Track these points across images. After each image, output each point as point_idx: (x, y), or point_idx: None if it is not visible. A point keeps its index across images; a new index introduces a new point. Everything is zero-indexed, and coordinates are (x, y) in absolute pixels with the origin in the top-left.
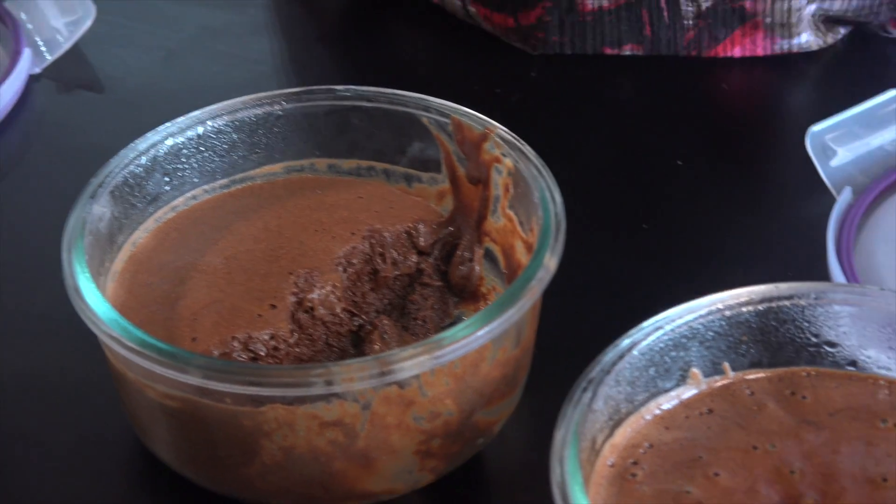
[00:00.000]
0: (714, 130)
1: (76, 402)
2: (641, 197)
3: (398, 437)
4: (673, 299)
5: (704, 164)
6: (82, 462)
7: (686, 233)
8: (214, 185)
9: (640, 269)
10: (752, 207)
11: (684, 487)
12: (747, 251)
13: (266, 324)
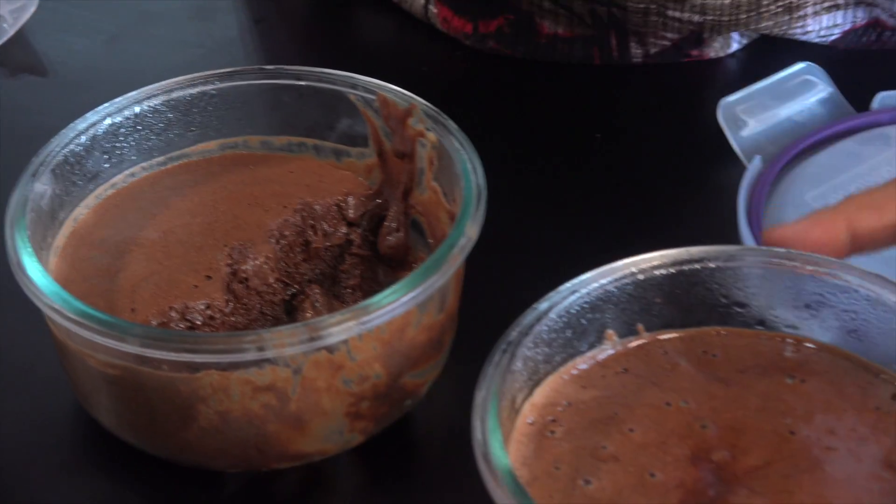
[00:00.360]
0: (631, 105)
1: (21, 373)
2: (561, 168)
3: (328, 399)
4: (590, 264)
5: (622, 136)
6: (27, 429)
7: (603, 202)
8: (152, 162)
9: (560, 237)
10: (666, 177)
11: (601, 443)
12: (662, 218)
13: (202, 294)
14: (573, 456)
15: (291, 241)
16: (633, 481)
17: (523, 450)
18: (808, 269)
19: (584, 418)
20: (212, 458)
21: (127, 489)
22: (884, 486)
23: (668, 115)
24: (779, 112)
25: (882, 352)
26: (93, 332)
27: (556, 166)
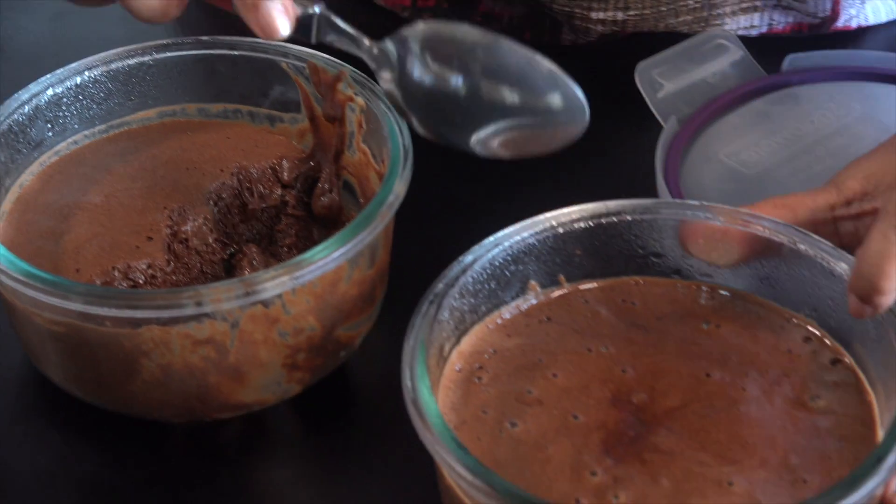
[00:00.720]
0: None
1: None
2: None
3: (265, 351)
4: (514, 220)
5: None
6: None
7: (527, 161)
8: (94, 130)
9: (485, 194)
10: (588, 137)
11: (526, 388)
12: (585, 176)
13: (144, 254)
14: (499, 400)
15: (229, 203)
16: (556, 423)
17: (451, 396)
18: (721, 221)
19: (510, 365)
20: (156, 410)
21: (77, 441)
22: (797, 424)
23: (588, 78)
24: (693, 74)
25: (793, 298)
26: (38, 291)
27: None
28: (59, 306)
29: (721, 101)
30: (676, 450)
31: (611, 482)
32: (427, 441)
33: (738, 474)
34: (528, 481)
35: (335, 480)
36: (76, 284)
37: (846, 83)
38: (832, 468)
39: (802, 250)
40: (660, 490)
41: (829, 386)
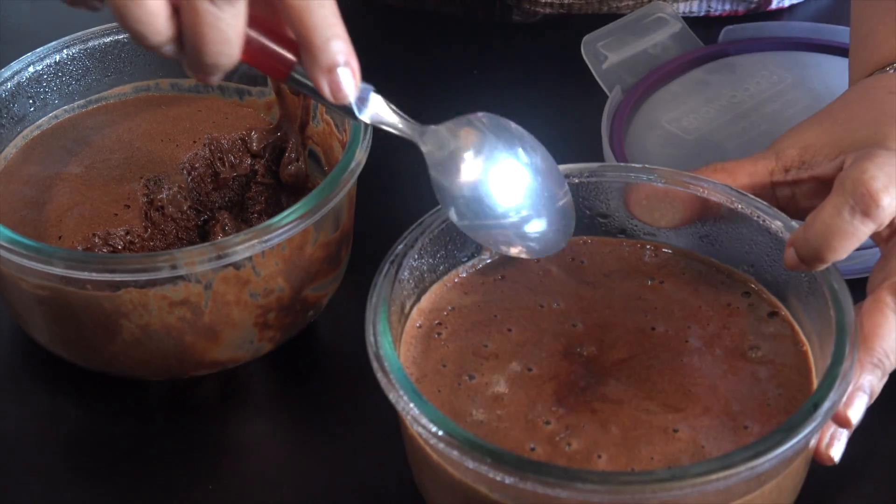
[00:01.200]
0: (504, 45)
1: None
2: (445, 99)
3: (238, 311)
4: None
5: (497, 72)
6: None
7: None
8: (73, 105)
9: None
10: (538, 107)
11: (483, 343)
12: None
13: (122, 222)
14: (458, 355)
15: (202, 173)
16: (512, 375)
17: (413, 351)
18: (662, 183)
19: (467, 321)
20: (136, 369)
21: (61, 399)
22: (738, 373)
23: (537, 52)
24: (635, 46)
25: (732, 255)
26: (22, 257)
27: (440, 97)
28: (43, 271)
29: (662, 71)
30: (624, 399)
31: (563, 430)
32: (390, 394)
33: (683, 422)
34: (486, 429)
35: (306, 432)
36: (58, 250)
37: (778, 52)
38: (771, 415)
39: (739, 209)
40: (609, 437)
41: (766, 337)
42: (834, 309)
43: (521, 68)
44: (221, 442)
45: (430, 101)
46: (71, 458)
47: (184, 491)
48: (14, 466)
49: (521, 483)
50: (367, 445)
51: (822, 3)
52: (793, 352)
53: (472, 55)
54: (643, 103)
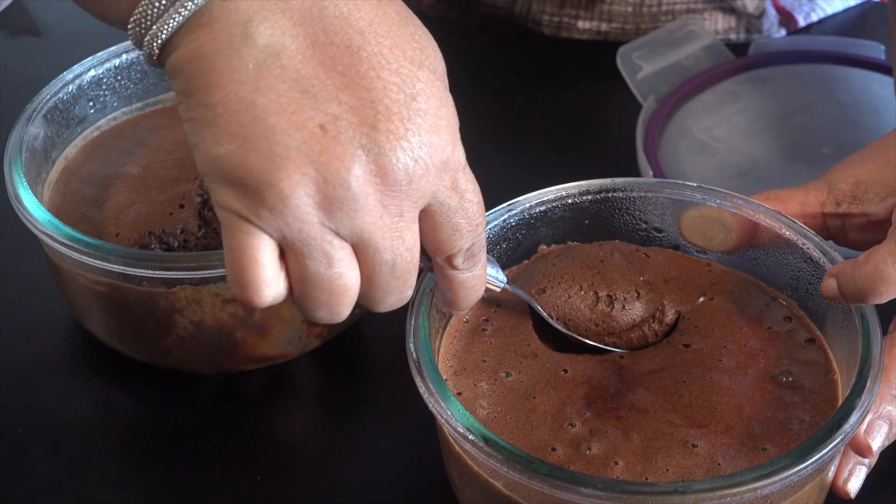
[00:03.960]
0: (541, 56)
1: (23, 292)
2: (485, 107)
3: (288, 309)
4: (517, 188)
5: (536, 81)
6: (30, 340)
7: (526, 134)
8: (131, 107)
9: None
10: (574, 115)
11: (525, 342)
12: (573, 148)
13: (177, 220)
14: (499, 351)
15: None
16: (547, 375)
17: (456, 344)
18: (717, 203)
19: (513, 319)
20: (189, 362)
21: (117, 390)
22: (765, 396)
23: (574, 62)
24: (669, 57)
25: (777, 279)
26: (82, 254)
27: (487, 103)
28: (102, 268)
29: (695, 82)
30: (650, 409)
31: (587, 434)
32: (420, 387)
33: (704, 437)
34: (513, 426)
35: (350, 426)
36: (116, 248)
37: (807, 65)
38: (791, 439)
39: (787, 236)
40: (629, 445)
41: (800, 363)
42: (862, 340)
43: (559, 76)
44: (269, 434)
45: (470, 109)
46: (125, 447)
47: (232, 481)
48: (71, 455)
49: (529, 483)
50: (408, 439)
51: (848, 17)
52: (823, 380)
53: (511, 63)
54: (676, 112)
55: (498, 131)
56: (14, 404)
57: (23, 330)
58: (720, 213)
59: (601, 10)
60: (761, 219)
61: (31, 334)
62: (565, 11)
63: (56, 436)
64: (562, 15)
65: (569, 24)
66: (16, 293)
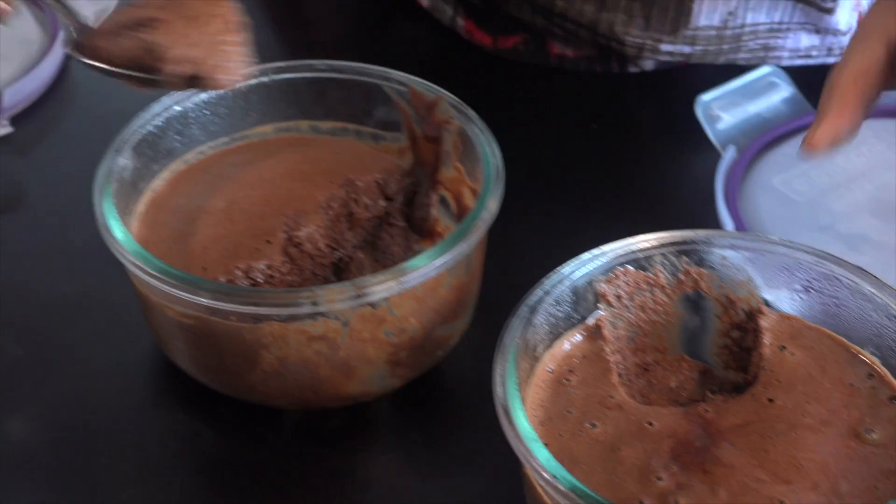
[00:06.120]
0: (621, 102)
1: (109, 323)
2: (564, 153)
3: (372, 348)
4: (591, 238)
5: (615, 127)
6: (116, 370)
7: (603, 185)
8: (217, 142)
9: (565, 213)
10: (653, 164)
11: (609, 393)
12: (653, 198)
13: (263, 256)
14: (584, 402)
15: (338, 212)
16: (633, 428)
17: (541, 394)
18: (799, 257)
19: (597, 370)
20: (273, 398)
21: (200, 423)
22: (850, 453)
23: (650, 107)
24: (748, 108)
25: (859, 335)
26: (171, 286)
27: (559, 151)
28: (190, 301)
29: (774, 134)
30: (736, 464)
31: (674, 488)
32: (508, 433)
33: (790, 494)
34: (600, 479)
35: (430, 467)
36: (205, 281)
37: (887, 120)
38: (879, 499)
39: (871, 293)
40: (717, 500)
41: (884, 421)
42: None
43: (638, 121)
44: (349, 473)
45: (549, 154)
46: (207, 480)
47: None
48: (155, 486)
49: None
50: (488, 484)
51: None
52: None
53: (589, 108)
54: (756, 164)
55: (577, 178)
56: (99, 434)
57: (108, 360)
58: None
59: (685, 35)
60: (843, 274)
61: (117, 364)
62: (649, 34)
63: (140, 467)
64: (645, 37)
65: (652, 45)
66: (102, 323)
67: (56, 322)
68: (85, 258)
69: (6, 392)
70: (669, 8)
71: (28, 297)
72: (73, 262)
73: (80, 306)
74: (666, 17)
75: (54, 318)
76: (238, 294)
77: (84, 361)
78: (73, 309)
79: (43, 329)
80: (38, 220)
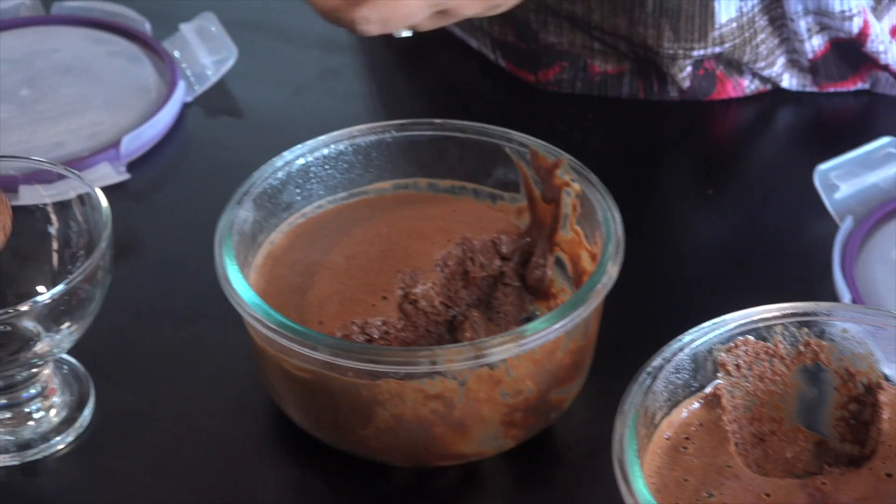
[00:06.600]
0: (735, 168)
1: (221, 372)
2: (680, 219)
3: (488, 409)
4: (705, 306)
5: (730, 194)
6: (227, 421)
7: (718, 249)
8: (336, 196)
9: (680, 280)
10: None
11: (727, 462)
12: (766, 268)
13: (379, 312)
14: (701, 470)
15: (453, 270)
16: (750, 499)
17: (657, 460)
18: None
19: (714, 438)
20: (385, 454)
21: (311, 476)
22: None
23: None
24: (866, 178)
25: None
26: (289, 340)
27: (675, 216)
28: (308, 356)
29: (893, 205)
30: None
31: None
32: (627, 500)
33: None
34: None
35: None
36: (325, 337)
37: None
38: None
39: None
40: None
41: None
42: None
43: (754, 188)
44: None
45: (662, 217)
46: None
47: None
48: None
49: None
50: None
51: None
52: None
53: (703, 175)
54: (873, 235)
55: (691, 241)
56: (212, 485)
57: (219, 409)
58: None
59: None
60: None
61: (229, 414)
62: (680, 45)
63: None
64: (677, 48)
65: (685, 53)
66: (214, 371)
67: (167, 369)
68: (197, 306)
69: (116, 438)
70: (695, 14)
71: (140, 343)
72: (185, 310)
73: (191, 354)
74: (693, 25)
75: (166, 364)
76: (357, 351)
77: (195, 409)
78: (185, 356)
79: (155, 375)
80: (151, 266)
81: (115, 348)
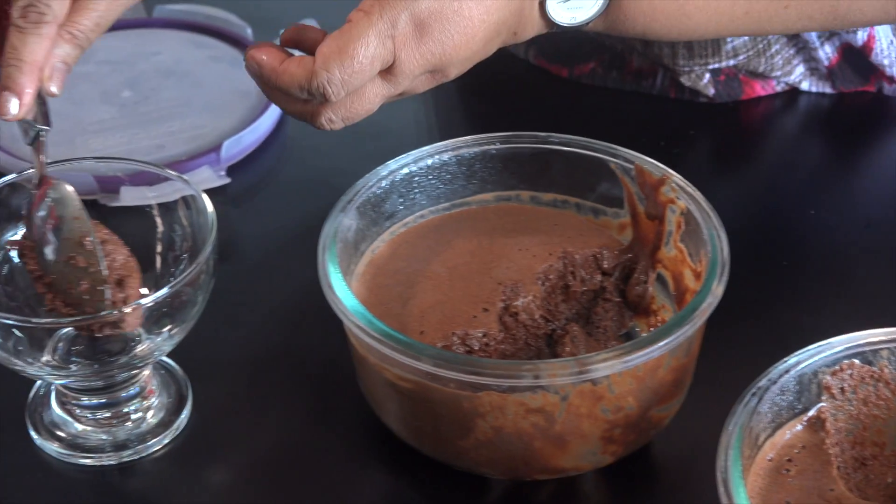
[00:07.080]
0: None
1: (319, 376)
2: (783, 239)
3: (588, 424)
4: (804, 328)
5: (832, 213)
6: (324, 428)
7: (817, 272)
8: (438, 207)
9: (782, 301)
10: (871, 252)
11: (829, 486)
12: (870, 290)
13: (480, 324)
14: (803, 493)
15: (554, 284)
16: None
17: (760, 482)
18: None
19: (817, 461)
20: (483, 466)
21: (406, 485)
22: None
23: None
24: None
25: None
26: (392, 349)
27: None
28: (411, 365)
29: None
30: None
31: None
32: None
33: None
34: None
35: None
36: (428, 347)
37: None
38: None
39: None
40: None
41: None
42: None
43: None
44: None
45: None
46: None
47: None
48: None
49: None
50: None
51: None
52: None
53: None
54: None
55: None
56: (306, 491)
57: (318, 418)
58: None
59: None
60: None
61: (325, 421)
62: (695, 62)
63: None
64: (692, 65)
65: (700, 69)
66: (312, 376)
67: (265, 374)
68: (295, 311)
69: (212, 441)
70: None
71: (238, 347)
72: (283, 315)
73: (288, 359)
74: (706, 41)
75: (263, 369)
76: (460, 362)
77: (291, 415)
78: (282, 361)
79: (252, 380)
80: (249, 269)
81: (212, 352)
